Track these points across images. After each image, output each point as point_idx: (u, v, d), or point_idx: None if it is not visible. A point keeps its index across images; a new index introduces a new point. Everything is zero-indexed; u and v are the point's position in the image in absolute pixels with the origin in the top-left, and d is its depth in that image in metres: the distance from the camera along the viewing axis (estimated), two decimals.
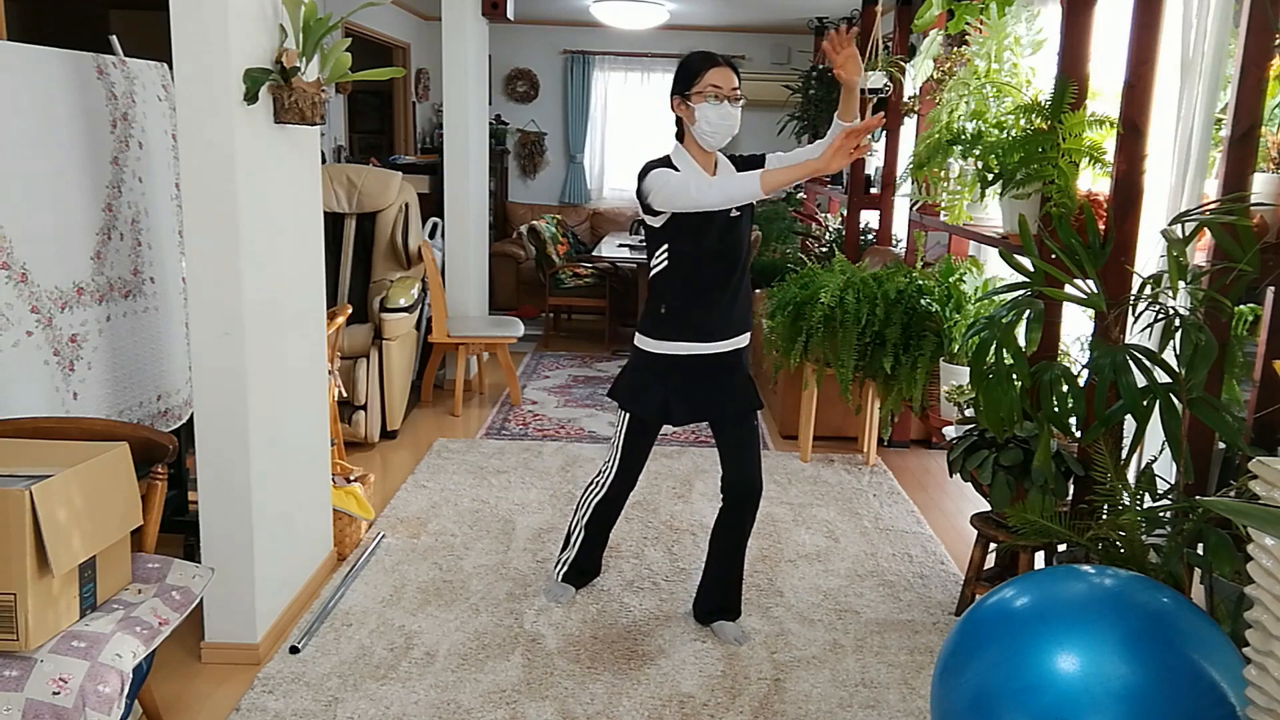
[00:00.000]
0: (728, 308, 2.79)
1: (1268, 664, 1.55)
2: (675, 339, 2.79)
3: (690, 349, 2.80)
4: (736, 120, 2.69)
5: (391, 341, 4.65)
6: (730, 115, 2.67)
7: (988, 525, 3.01)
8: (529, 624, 2.99)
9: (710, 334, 2.79)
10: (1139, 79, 2.59)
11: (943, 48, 3.99)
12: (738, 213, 2.74)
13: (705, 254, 2.74)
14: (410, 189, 5.15)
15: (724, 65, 2.70)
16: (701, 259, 2.74)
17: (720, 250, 2.74)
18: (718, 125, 2.67)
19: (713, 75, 2.66)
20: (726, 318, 2.79)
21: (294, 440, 2.96)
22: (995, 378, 2.44)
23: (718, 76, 2.66)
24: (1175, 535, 2.11)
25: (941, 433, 3.65)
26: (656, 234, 2.77)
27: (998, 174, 2.95)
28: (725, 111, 2.66)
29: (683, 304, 2.78)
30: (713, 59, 2.71)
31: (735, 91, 2.69)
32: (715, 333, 2.79)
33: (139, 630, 1.98)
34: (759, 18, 7.97)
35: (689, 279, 2.76)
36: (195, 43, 2.41)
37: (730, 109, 2.67)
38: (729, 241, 2.74)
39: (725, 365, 2.83)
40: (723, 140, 2.71)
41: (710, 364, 2.82)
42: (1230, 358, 2.36)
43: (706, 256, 2.74)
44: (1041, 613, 1.80)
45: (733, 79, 2.69)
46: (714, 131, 2.68)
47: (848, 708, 2.60)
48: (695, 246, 2.73)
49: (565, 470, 4.40)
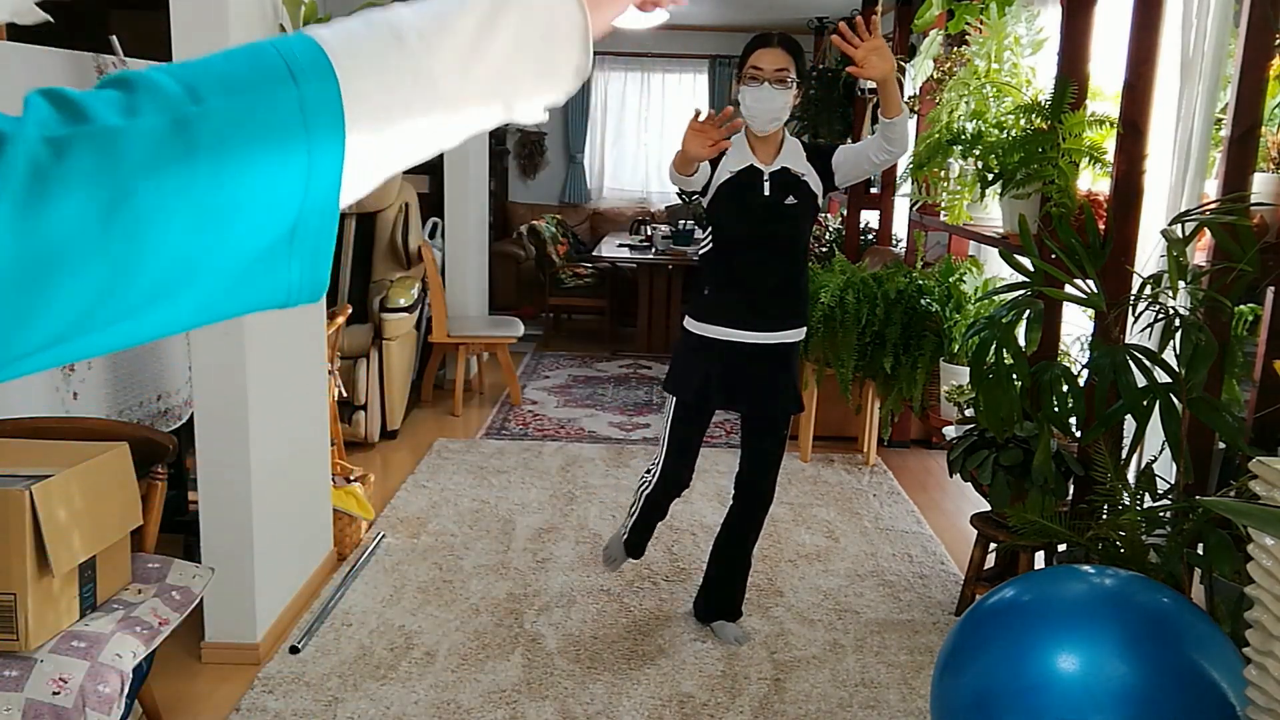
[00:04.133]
0: (767, 299, 2.69)
1: (1268, 664, 1.55)
2: (714, 322, 2.72)
3: (728, 335, 2.71)
4: (779, 102, 2.58)
5: (391, 341, 4.65)
6: (768, 97, 2.57)
7: (988, 525, 3.01)
8: (529, 624, 2.99)
9: (746, 323, 2.69)
10: (1139, 79, 2.59)
11: (943, 48, 3.99)
12: (793, 200, 2.65)
13: (740, 239, 2.68)
14: (410, 189, 5.15)
15: (771, 46, 2.60)
16: (736, 244, 2.69)
17: (759, 237, 2.66)
18: (753, 108, 2.60)
19: (755, 57, 2.59)
20: (764, 309, 2.69)
21: (294, 440, 2.96)
22: (995, 378, 2.44)
23: (760, 58, 2.58)
24: (1175, 535, 2.11)
25: (941, 433, 3.65)
26: (705, 214, 2.78)
27: (998, 174, 2.95)
28: (761, 94, 2.57)
29: (720, 287, 2.72)
30: (761, 40, 2.62)
31: (780, 72, 2.57)
32: (751, 322, 2.69)
33: (139, 630, 1.98)
34: (759, 18, 7.97)
35: (726, 263, 2.71)
36: (195, 43, 2.41)
37: (771, 91, 2.57)
38: (771, 229, 2.66)
39: (765, 359, 2.73)
40: (765, 123, 2.61)
41: (749, 355, 2.71)
42: (1230, 358, 2.35)
43: (742, 242, 2.68)
44: (1042, 613, 1.80)
45: (778, 59, 2.57)
46: (751, 115, 2.61)
47: (848, 708, 2.60)
48: (731, 231, 2.69)
49: (565, 470, 4.40)
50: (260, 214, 0.51)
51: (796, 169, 2.68)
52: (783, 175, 2.66)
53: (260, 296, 0.54)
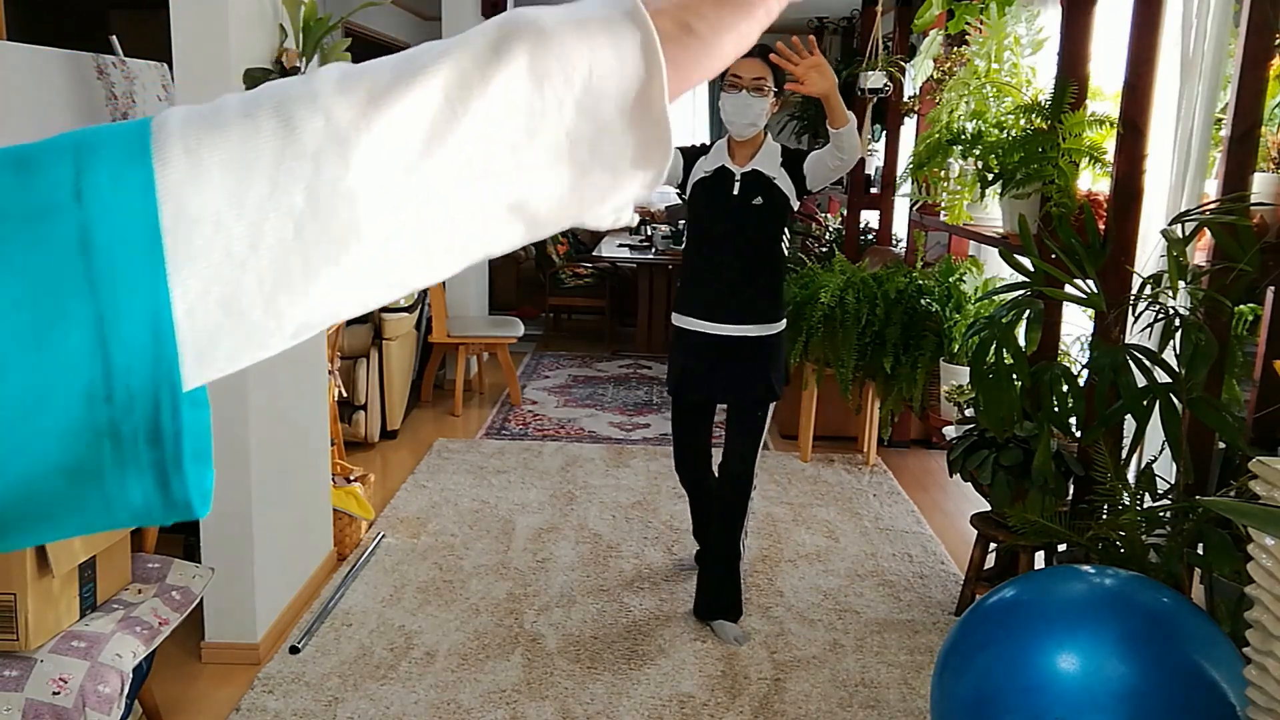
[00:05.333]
0: (726, 293, 2.83)
1: (1268, 664, 1.55)
2: (684, 313, 2.91)
3: (694, 325, 2.88)
4: (755, 109, 2.72)
5: (391, 341, 4.65)
6: (745, 104, 2.71)
7: (988, 525, 3.01)
8: (529, 624, 2.99)
9: (709, 314, 2.85)
10: (1139, 79, 2.59)
11: (943, 48, 3.99)
12: (760, 200, 2.78)
13: (706, 235, 2.87)
14: None
15: (751, 56, 2.70)
16: (703, 240, 2.87)
17: (725, 234, 2.82)
18: (732, 114, 2.75)
19: (735, 66, 2.71)
20: (724, 302, 2.83)
21: (294, 440, 2.96)
22: (995, 378, 2.44)
23: (740, 67, 2.71)
24: (1175, 535, 2.11)
25: (941, 433, 3.65)
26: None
27: (998, 174, 2.95)
28: (739, 100, 2.71)
29: (688, 280, 2.92)
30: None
31: (757, 81, 2.71)
32: (713, 314, 2.85)
33: (139, 630, 1.98)
34: None
35: (692, 256, 2.91)
36: (195, 43, 2.41)
37: (749, 98, 2.71)
38: (736, 227, 2.80)
39: (730, 351, 2.85)
40: (743, 128, 2.76)
41: (715, 346, 2.86)
42: (1230, 358, 2.35)
43: (708, 238, 2.86)
44: (1042, 613, 1.80)
45: (756, 68, 2.70)
46: (730, 120, 2.77)
47: (848, 708, 2.60)
48: (700, 226, 2.89)
49: (565, 470, 4.40)
50: (13, 410, 0.34)
51: (768, 172, 2.80)
52: (753, 176, 2.79)
53: (75, 522, 0.38)
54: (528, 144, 0.39)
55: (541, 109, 0.39)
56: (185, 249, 0.35)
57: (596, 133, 0.40)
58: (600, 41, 0.39)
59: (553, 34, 0.39)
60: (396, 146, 0.37)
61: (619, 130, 0.40)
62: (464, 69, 0.38)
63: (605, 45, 0.39)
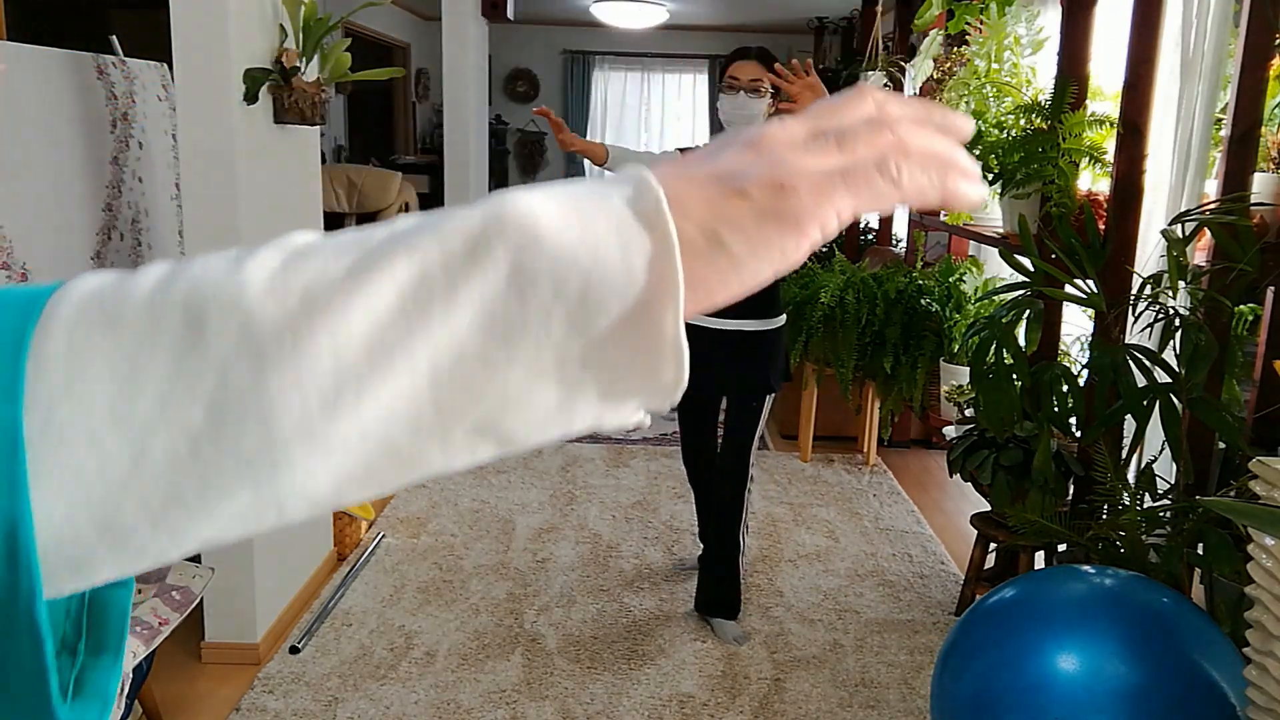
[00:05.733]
0: None
1: (1268, 664, 1.55)
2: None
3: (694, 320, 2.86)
4: (752, 110, 2.75)
5: None
6: (743, 106, 2.74)
7: (988, 525, 3.01)
8: (529, 624, 2.99)
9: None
10: (1139, 79, 2.59)
11: (943, 48, 3.99)
12: None
13: None
14: (410, 189, 5.16)
15: (748, 58, 2.77)
16: None
17: None
18: (730, 115, 2.78)
19: (733, 68, 2.77)
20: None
21: None
22: (995, 378, 2.44)
23: (737, 69, 2.76)
24: (1175, 535, 2.11)
25: (941, 433, 3.65)
26: None
27: (998, 174, 2.95)
28: (737, 101, 2.74)
29: None
30: (740, 53, 2.81)
31: (754, 82, 2.74)
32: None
33: (139, 630, 1.99)
34: (759, 17, 7.97)
35: None
36: (195, 43, 2.41)
37: (745, 99, 2.74)
38: None
39: (727, 345, 2.88)
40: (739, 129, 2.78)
41: (711, 340, 2.86)
42: (1230, 358, 2.36)
43: None
44: (1042, 613, 1.80)
45: (753, 70, 2.74)
46: (728, 121, 2.80)
47: (848, 708, 2.60)
48: None
49: (565, 470, 4.40)
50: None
51: None
52: None
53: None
54: (503, 361, 0.33)
55: (522, 323, 0.33)
56: (51, 464, 0.30)
57: (591, 352, 0.34)
58: (606, 244, 0.33)
59: (545, 234, 0.33)
60: (329, 362, 0.31)
61: (619, 351, 0.34)
62: (427, 271, 0.32)
63: (612, 249, 0.33)
